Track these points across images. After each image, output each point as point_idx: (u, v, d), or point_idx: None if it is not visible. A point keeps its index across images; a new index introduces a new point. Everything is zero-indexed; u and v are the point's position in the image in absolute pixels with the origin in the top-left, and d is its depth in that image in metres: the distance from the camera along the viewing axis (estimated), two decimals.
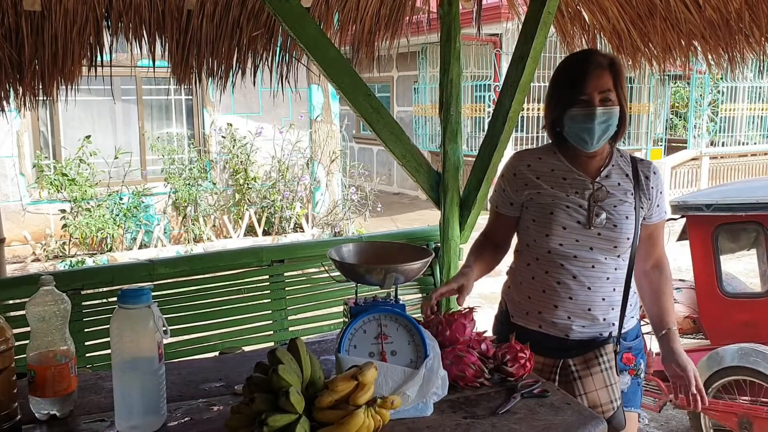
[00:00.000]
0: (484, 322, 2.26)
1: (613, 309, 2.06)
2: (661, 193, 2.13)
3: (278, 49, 3.69)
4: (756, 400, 3.29)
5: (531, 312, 2.11)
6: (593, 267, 2.03)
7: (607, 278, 2.04)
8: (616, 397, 2.02)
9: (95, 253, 8.11)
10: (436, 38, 3.10)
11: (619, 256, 2.05)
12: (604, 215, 2.01)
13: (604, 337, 2.06)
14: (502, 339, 1.91)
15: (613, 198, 2.04)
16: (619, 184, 2.07)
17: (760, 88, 14.12)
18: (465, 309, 1.93)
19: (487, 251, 2.22)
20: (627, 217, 2.03)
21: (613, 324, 2.07)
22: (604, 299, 2.04)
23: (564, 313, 2.04)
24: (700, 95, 13.65)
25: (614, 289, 2.06)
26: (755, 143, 14.44)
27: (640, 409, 2.21)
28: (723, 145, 13.96)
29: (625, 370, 2.10)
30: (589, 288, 2.02)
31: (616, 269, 2.05)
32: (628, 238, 2.03)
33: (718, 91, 13.68)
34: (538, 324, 2.09)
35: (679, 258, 6.41)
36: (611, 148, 2.12)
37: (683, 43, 3.41)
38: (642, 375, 2.17)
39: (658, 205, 2.12)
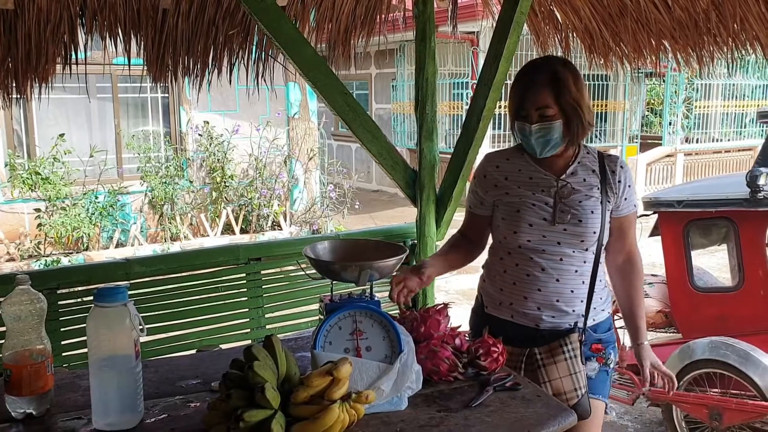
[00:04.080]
0: (461, 317, 2.30)
1: (582, 301, 2.11)
2: (629, 186, 2.18)
3: (254, 47, 3.69)
4: (725, 392, 3.35)
5: (503, 303, 2.17)
6: (561, 260, 2.08)
7: (576, 271, 2.09)
8: (581, 385, 2.07)
9: (71, 253, 8.04)
10: (413, 36, 3.12)
11: (587, 250, 2.10)
12: (568, 211, 2.06)
13: (572, 327, 2.11)
14: (478, 330, 1.96)
15: (578, 194, 2.09)
16: (584, 180, 2.12)
17: (734, 85, 14.34)
18: (440, 305, 1.96)
19: (462, 247, 2.30)
20: (592, 212, 2.08)
21: (582, 315, 2.12)
22: (572, 291, 2.09)
23: (533, 304, 2.10)
24: (675, 92, 13.83)
25: (583, 282, 2.11)
26: (729, 140, 14.67)
27: (608, 399, 2.25)
28: (697, 142, 14.15)
29: (593, 358, 2.14)
30: (557, 280, 2.08)
31: (584, 262, 2.11)
32: (594, 232, 2.08)
33: (693, 89, 13.86)
34: (510, 314, 2.15)
35: (652, 254, 6.50)
36: (576, 147, 2.17)
37: (653, 42, 3.47)
38: (612, 365, 2.21)
39: (625, 198, 2.17)
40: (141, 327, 1.55)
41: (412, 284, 2.02)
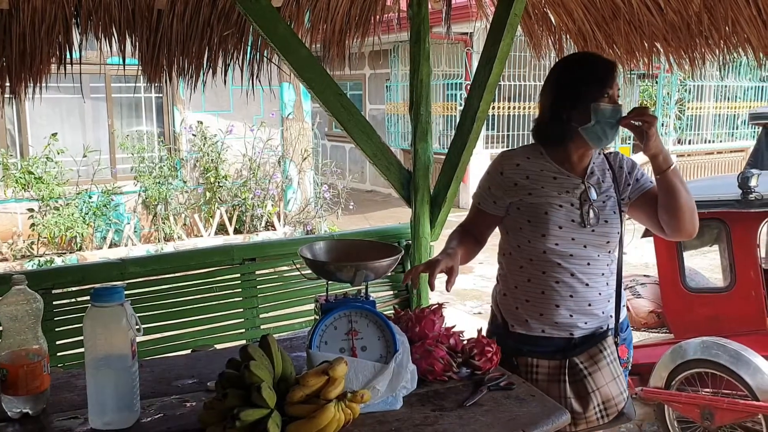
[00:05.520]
0: (453, 318, 2.31)
1: (609, 301, 2.13)
2: (632, 165, 2.18)
3: (249, 48, 3.70)
4: (717, 391, 3.38)
5: (532, 316, 2.10)
6: (588, 264, 2.07)
7: (602, 273, 2.10)
8: (624, 388, 2.07)
9: (64, 253, 8.02)
10: (407, 37, 3.13)
11: (609, 252, 2.11)
12: (596, 212, 2.06)
13: (604, 329, 2.11)
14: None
15: (600, 195, 2.09)
16: (602, 181, 2.12)
17: (726, 87, 14.40)
18: (434, 305, 1.97)
19: (469, 240, 2.17)
20: (614, 212, 2.09)
21: (611, 316, 2.14)
22: (600, 294, 2.10)
23: (566, 312, 2.07)
24: (668, 94, 13.87)
25: (608, 284, 2.12)
26: (721, 141, 14.74)
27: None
28: (690, 143, 14.22)
29: (620, 364, 2.16)
30: (587, 284, 2.07)
31: (608, 264, 2.11)
32: (617, 232, 2.10)
33: (686, 90, 13.92)
34: (540, 329, 2.09)
35: (644, 254, 6.53)
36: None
37: (646, 44, 3.49)
38: (630, 367, 2.24)
39: (637, 179, 2.15)
40: (137, 327, 1.56)
41: (446, 265, 1.90)
